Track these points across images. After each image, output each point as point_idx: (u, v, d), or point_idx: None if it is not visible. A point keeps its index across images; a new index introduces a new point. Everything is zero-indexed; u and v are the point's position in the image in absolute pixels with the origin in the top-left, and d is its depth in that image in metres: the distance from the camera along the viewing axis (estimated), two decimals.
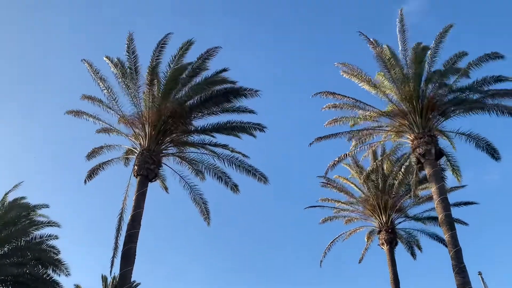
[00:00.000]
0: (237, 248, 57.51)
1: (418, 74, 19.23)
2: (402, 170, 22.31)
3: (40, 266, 21.83)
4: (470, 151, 19.62)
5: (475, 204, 25.04)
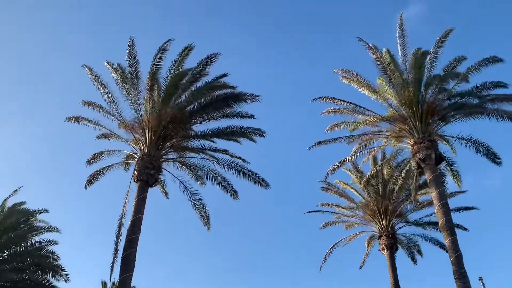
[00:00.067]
0: (237, 250, 57.48)
1: (418, 79, 19.27)
2: (402, 175, 22.30)
3: (40, 272, 21.74)
4: (470, 156, 19.65)
5: (476, 209, 25.05)
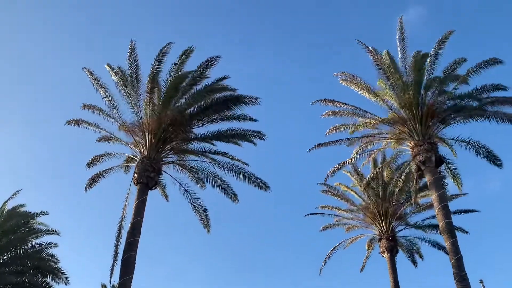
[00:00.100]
0: (237, 251, 57.31)
1: (418, 82, 19.29)
2: (403, 178, 22.26)
3: (39, 275, 21.74)
4: (470, 159, 19.62)
5: (476, 212, 25.03)
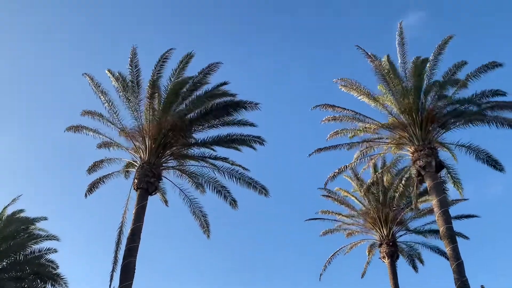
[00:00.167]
0: (237, 254, 57.11)
1: (417, 87, 19.30)
2: (403, 183, 22.24)
3: (39, 281, 21.69)
4: (471, 163, 19.58)
5: (477, 218, 24.97)
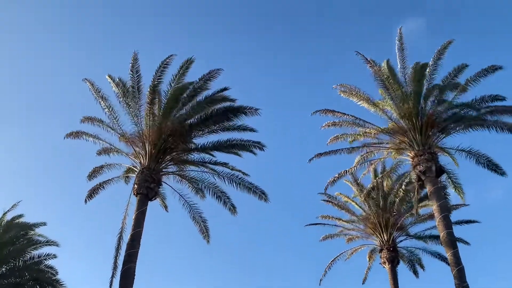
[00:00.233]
0: (237, 260, 56.94)
1: (417, 92, 19.34)
2: (403, 188, 22.23)
3: (38, 287, 21.57)
4: (471, 168, 19.59)
5: (477, 223, 24.93)
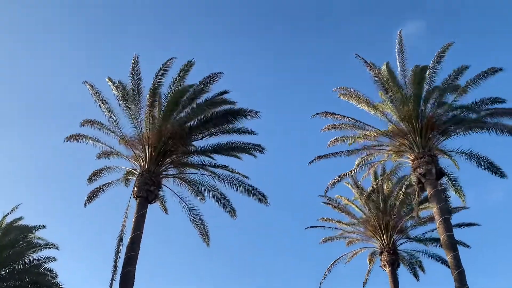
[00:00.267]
0: (236, 263, 56.85)
1: (417, 94, 19.35)
2: (403, 190, 22.23)
3: None
4: (472, 171, 19.58)
5: (478, 226, 24.88)
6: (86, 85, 20.11)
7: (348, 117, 20.69)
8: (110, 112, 19.61)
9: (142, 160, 18.88)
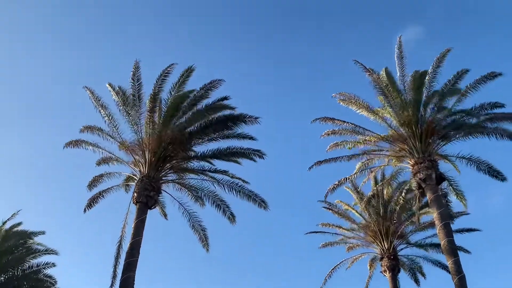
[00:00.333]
0: (236, 267, 56.70)
1: (416, 100, 19.38)
2: (403, 196, 22.20)
3: None
4: (471, 176, 19.56)
5: (478, 231, 24.85)
6: (86, 91, 20.14)
7: (348, 122, 20.70)
8: (110, 118, 19.64)
9: (142, 166, 18.86)
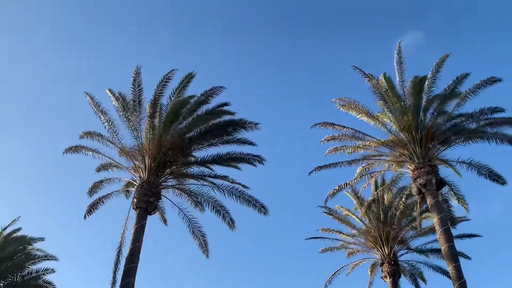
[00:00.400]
0: (236, 269, 56.51)
1: (416, 105, 19.40)
2: (403, 201, 22.16)
3: None
4: (472, 181, 19.53)
5: (479, 237, 24.78)
6: (86, 97, 20.16)
7: (348, 128, 20.67)
8: (110, 124, 19.64)
9: (142, 171, 18.85)
